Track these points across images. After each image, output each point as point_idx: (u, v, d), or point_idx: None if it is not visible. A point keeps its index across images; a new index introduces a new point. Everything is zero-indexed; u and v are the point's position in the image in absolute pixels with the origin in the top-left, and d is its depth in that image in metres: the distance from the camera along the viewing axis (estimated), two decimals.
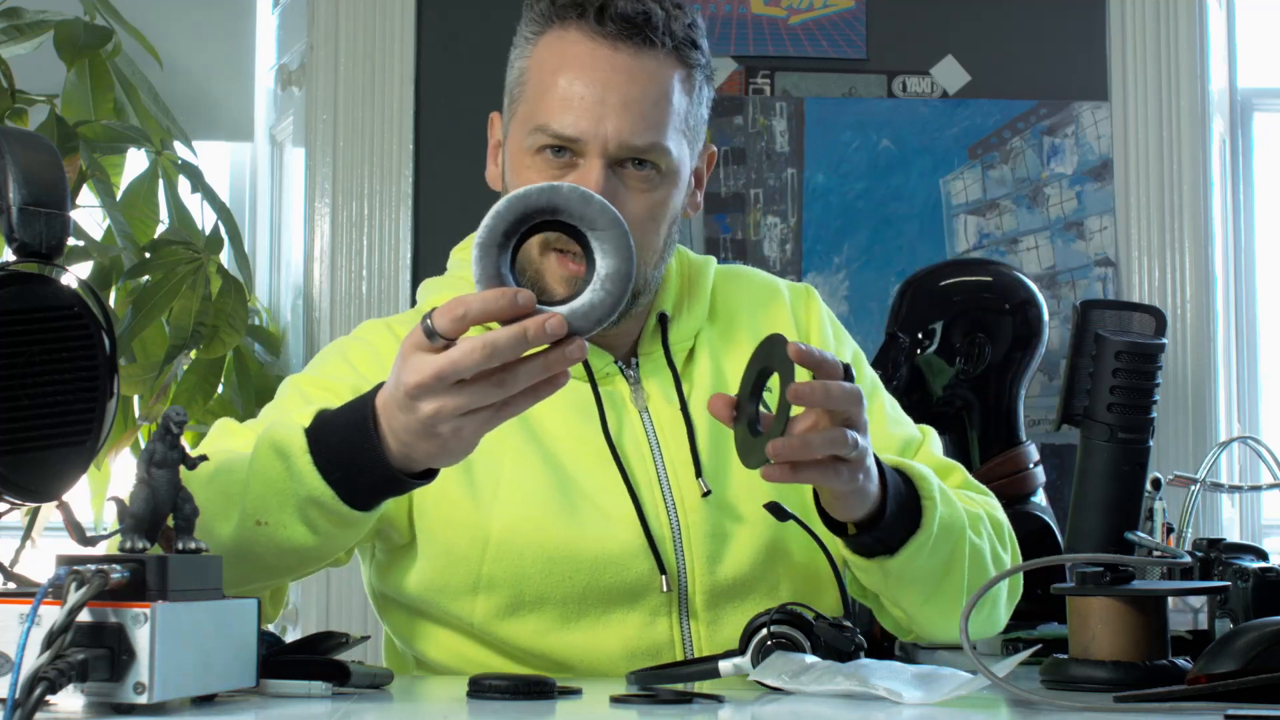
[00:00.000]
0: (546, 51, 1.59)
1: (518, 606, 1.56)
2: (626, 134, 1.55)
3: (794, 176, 3.21)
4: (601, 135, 1.54)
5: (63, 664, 1.02)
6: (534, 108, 1.58)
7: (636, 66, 1.56)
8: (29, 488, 1.16)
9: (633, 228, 1.55)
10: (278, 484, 1.38)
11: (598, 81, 1.55)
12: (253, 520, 1.39)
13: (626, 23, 1.56)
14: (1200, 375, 3.23)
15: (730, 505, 1.61)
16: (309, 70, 3.22)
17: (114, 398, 1.21)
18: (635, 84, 1.56)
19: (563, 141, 1.55)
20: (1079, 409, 1.67)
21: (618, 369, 1.66)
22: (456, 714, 1.21)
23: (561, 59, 1.57)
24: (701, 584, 1.59)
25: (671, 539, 1.59)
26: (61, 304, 1.18)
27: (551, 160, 1.56)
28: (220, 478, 1.42)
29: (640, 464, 1.61)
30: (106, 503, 1.68)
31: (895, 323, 2.64)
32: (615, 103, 1.55)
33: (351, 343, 1.68)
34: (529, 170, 1.57)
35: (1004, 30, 3.28)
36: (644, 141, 1.55)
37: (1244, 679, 1.21)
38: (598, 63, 1.56)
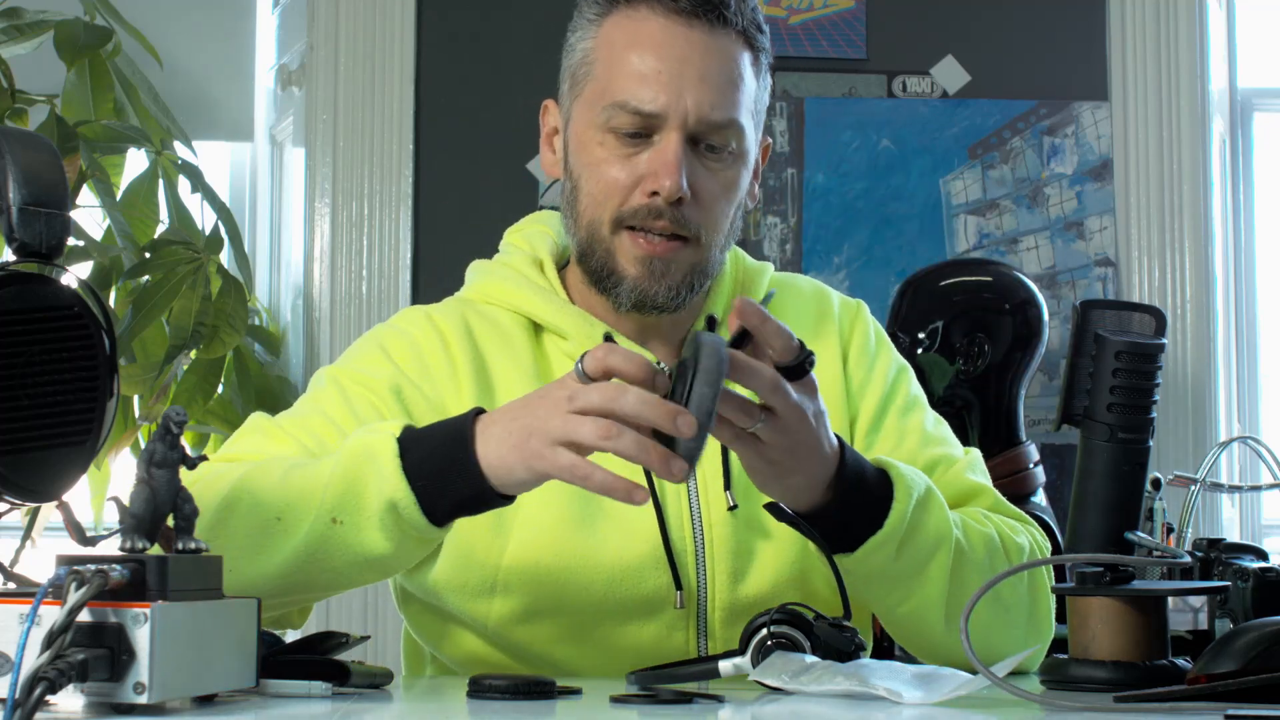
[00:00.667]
0: (616, 31, 1.57)
1: (533, 613, 1.54)
2: (706, 108, 1.54)
3: (794, 176, 3.21)
4: (681, 109, 1.53)
5: (63, 664, 1.01)
6: (606, 86, 1.56)
7: (712, 44, 1.55)
8: (29, 488, 1.16)
9: (707, 206, 1.56)
10: (362, 483, 1.36)
11: (675, 56, 1.54)
12: (329, 518, 1.38)
13: (702, 2, 1.55)
14: (1200, 375, 3.23)
15: (760, 522, 1.57)
16: (309, 70, 3.22)
17: (114, 398, 1.21)
18: (712, 60, 1.55)
19: (641, 116, 1.54)
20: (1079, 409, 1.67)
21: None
22: (456, 714, 1.21)
23: (634, 36, 1.55)
24: (721, 600, 1.56)
25: (694, 552, 1.56)
26: (61, 304, 1.18)
27: (625, 140, 1.55)
28: (298, 478, 1.41)
29: None
30: (106, 503, 1.68)
31: (895, 323, 2.65)
32: (693, 77, 1.54)
33: (389, 333, 1.65)
34: (599, 148, 1.56)
35: (1004, 30, 3.28)
36: (722, 116, 1.55)
37: (1244, 679, 1.20)
38: (674, 38, 1.55)
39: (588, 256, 1.59)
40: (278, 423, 1.57)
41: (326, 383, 1.61)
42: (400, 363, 1.60)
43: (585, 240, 1.59)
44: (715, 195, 1.57)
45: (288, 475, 1.41)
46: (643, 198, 1.54)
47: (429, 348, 1.61)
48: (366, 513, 1.36)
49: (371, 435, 1.38)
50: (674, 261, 1.56)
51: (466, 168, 3.18)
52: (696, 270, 1.59)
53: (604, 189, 1.56)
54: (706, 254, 1.58)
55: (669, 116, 1.53)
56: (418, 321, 1.65)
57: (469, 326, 1.63)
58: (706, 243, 1.58)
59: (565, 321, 1.62)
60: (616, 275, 1.57)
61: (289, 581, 1.41)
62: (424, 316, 1.65)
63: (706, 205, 1.56)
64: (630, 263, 1.56)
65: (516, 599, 1.55)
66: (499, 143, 3.16)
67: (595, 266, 1.59)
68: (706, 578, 1.56)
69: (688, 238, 1.56)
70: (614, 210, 1.56)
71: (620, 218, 1.56)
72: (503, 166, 3.15)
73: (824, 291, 1.74)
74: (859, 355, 1.70)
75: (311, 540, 1.38)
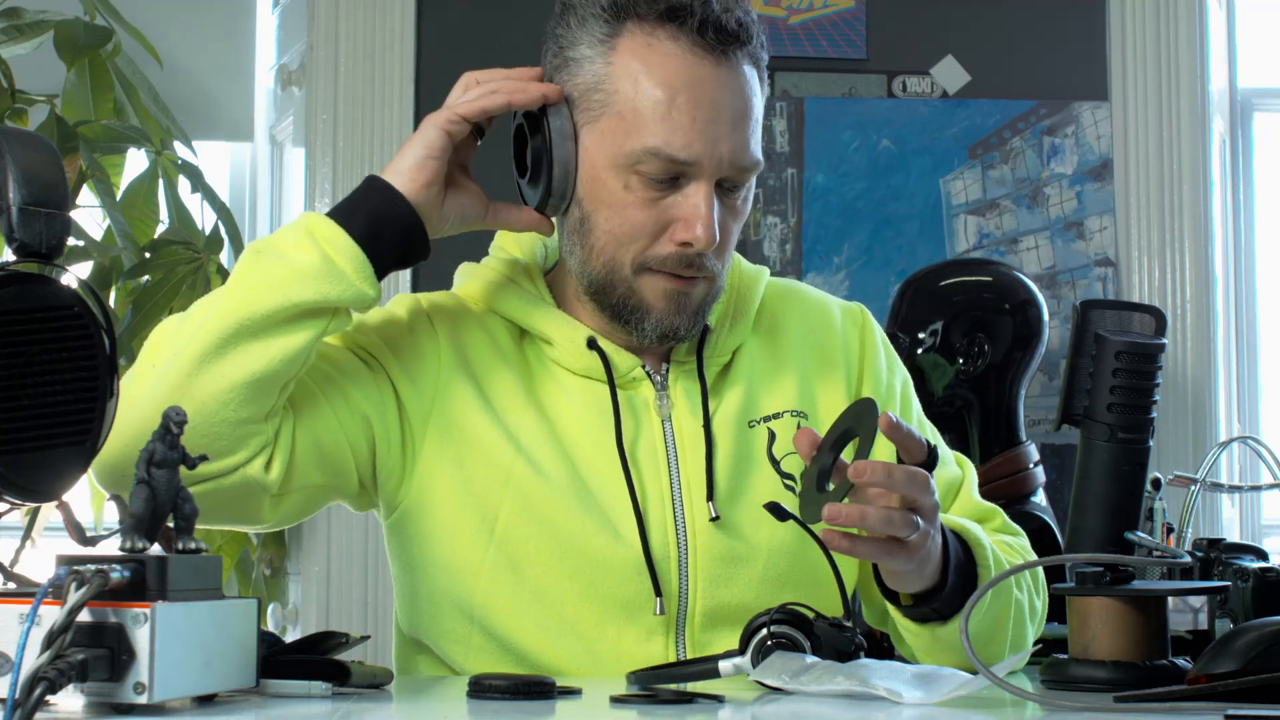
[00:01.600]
0: (636, 60, 1.51)
1: (515, 599, 1.54)
2: (739, 155, 1.52)
3: (794, 176, 3.21)
4: (716, 157, 1.50)
5: (63, 664, 1.02)
6: (633, 125, 1.51)
7: (737, 82, 1.52)
8: (29, 488, 1.16)
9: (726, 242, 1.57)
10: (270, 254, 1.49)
11: (708, 101, 1.50)
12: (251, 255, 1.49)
13: (729, 36, 1.51)
14: (1200, 375, 3.23)
15: (743, 531, 1.57)
16: (309, 70, 3.22)
17: (114, 398, 1.21)
18: (740, 101, 1.53)
19: (674, 165, 1.50)
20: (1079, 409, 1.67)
21: (645, 374, 1.62)
22: (456, 714, 1.21)
23: (664, 74, 1.50)
24: (702, 606, 1.55)
25: (676, 558, 1.56)
26: (61, 304, 1.18)
27: (651, 184, 1.52)
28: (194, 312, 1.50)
29: (654, 476, 1.57)
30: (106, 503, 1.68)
31: (895, 323, 2.64)
32: (726, 123, 1.51)
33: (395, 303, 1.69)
34: (623, 190, 1.53)
35: (1004, 30, 3.28)
36: (751, 161, 1.54)
37: (1244, 679, 1.20)
38: (704, 80, 1.50)
39: (606, 291, 1.58)
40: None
41: None
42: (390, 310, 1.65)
43: (603, 275, 1.57)
44: (732, 232, 1.57)
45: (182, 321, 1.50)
46: (671, 245, 1.53)
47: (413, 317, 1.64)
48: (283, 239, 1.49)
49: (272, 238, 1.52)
50: (694, 292, 1.57)
51: None
52: (709, 298, 1.60)
53: (629, 231, 1.54)
54: (717, 283, 1.60)
55: (704, 165, 1.50)
56: (405, 301, 1.68)
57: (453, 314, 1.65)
58: (719, 272, 1.59)
59: (549, 327, 1.62)
60: (641, 311, 1.57)
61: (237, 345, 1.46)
62: (413, 299, 1.68)
63: (725, 244, 1.57)
64: (656, 299, 1.56)
65: (504, 575, 1.55)
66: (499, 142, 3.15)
67: (616, 302, 1.58)
68: (688, 585, 1.56)
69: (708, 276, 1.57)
70: (638, 253, 1.54)
71: (645, 262, 1.55)
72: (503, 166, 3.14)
73: (823, 302, 1.74)
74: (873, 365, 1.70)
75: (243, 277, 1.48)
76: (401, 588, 1.65)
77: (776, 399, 1.64)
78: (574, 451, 1.57)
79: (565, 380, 1.60)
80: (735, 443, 1.60)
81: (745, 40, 1.53)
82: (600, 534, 1.54)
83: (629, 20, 1.52)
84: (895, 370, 1.73)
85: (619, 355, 1.61)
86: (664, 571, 1.55)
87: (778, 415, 1.62)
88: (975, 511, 1.67)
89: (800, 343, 1.68)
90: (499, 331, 1.63)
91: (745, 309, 1.66)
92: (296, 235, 1.50)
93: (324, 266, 1.47)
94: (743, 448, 1.60)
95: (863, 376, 1.69)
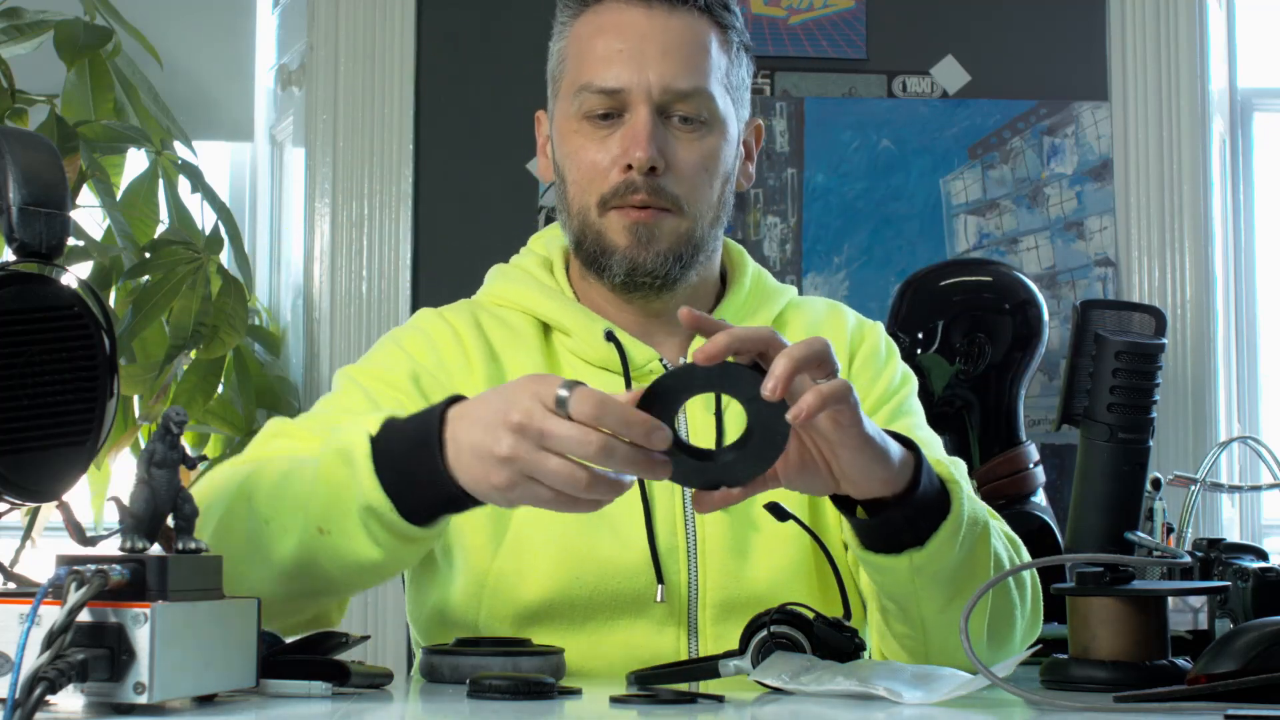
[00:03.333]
0: (583, 27, 1.63)
1: (525, 607, 1.55)
2: (669, 77, 1.58)
3: (794, 176, 3.21)
4: (644, 82, 1.57)
5: (63, 664, 1.02)
6: (575, 76, 1.61)
7: (672, 21, 1.60)
8: (29, 488, 1.16)
9: (685, 176, 1.59)
10: (341, 490, 1.31)
11: (635, 34, 1.59)
12: (315, 529, 1.34)
13: None
14: (1200, 375, 3.23)
15: (755, 521, 1.57)
16: (309, 70, 3.22)
17: (114, 398, 1.21)
18: (673, 34, 1.59)
19: (607, 94, 1.58)
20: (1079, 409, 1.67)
21: (662, 366, 1.63)
22: (456, 714, 1.21)
23: (597, 27, 1.61)
24: (713, 597, 1.56)
25: (685, 548, 1.56)
26: (61, 304, 1.18)
27: (598, 123, 1.59)
28: (290, 484, 1.37)
29: None
30: (106, 503, 1.68)
31: (895, 323, 2.64)
32: (654, 52, 1.58)
33: (404, 331, 1.68)
34: (577, 136, 1.61)
35: (1004, 30, 3.28)
36: (688, 85, 1.58)
37: (1244, 679, 1.21)
38: (634, 21, 1.59)
39: (582, 243, 1.62)
40: (297, 423, 1.55)
41: (346, 382, 1.62)
42: (415, 355, 1.62)
43: (578, 228, 1.62)
44: (693, 165, 1.59)
45: (285, 477, 1.39)
46: (620, 174, 1.58)
47: (442, 340, 1.64)
48: (349, 521, 1.32)
49: (348, 435, 1.34)
50: (658, 228, 1.59)
51: (466, 168, 3.17)
52: (684, 240, 1.60)
53: (586, 174, 1.60)
54: (693, 225, 1.60)
55: (633, 90, 1.58)
56: (429, 318, 1.68)
57: (479, 321, 1.66)
58: (691, 213, 1.60)
59: (568, 318, 1.64)
60: (607, 251, 1.60)
61: (290, 588, 1.39)
62: (435, 315, 1.68)
63: (685, 175, 1.59)
64: (618, 234, 1.59)
65: (507, 593, 1.55)
66: (499, 143, 3.15)
67: (589, 249, 1.62)
68: (698, 574, 1.56)
69: (670, 208, 1.58)
70: (598, 193, 1.60)
71: (604, 199, 1.59)
72: (503, 166, 3.15)
73: (839, 308, 1.76)
74: (866, 359, 1.70)
75: (303, 550, 1.36)
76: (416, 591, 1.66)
77: None
78: None
79: (584, 373, 1.62)
80: None
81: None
82: (606, 534, 1.55)
83: (587, 6, 1.64)
84: (898, 366, 1.72)
85: (636, 348, 1.62)
86: (672, 563, 1.55)
87: None
88: None
89: (810, 333, 1.68)
90: (522, 327, 1.66)
91: (764, 311, 1.69)
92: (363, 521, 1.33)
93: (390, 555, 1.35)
94: None
95: (854, 360, 1.69)
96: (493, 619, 1.56)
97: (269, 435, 1.56)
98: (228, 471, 1.46)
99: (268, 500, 1.38)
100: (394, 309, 3.14)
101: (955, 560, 1.39)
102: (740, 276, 1.70)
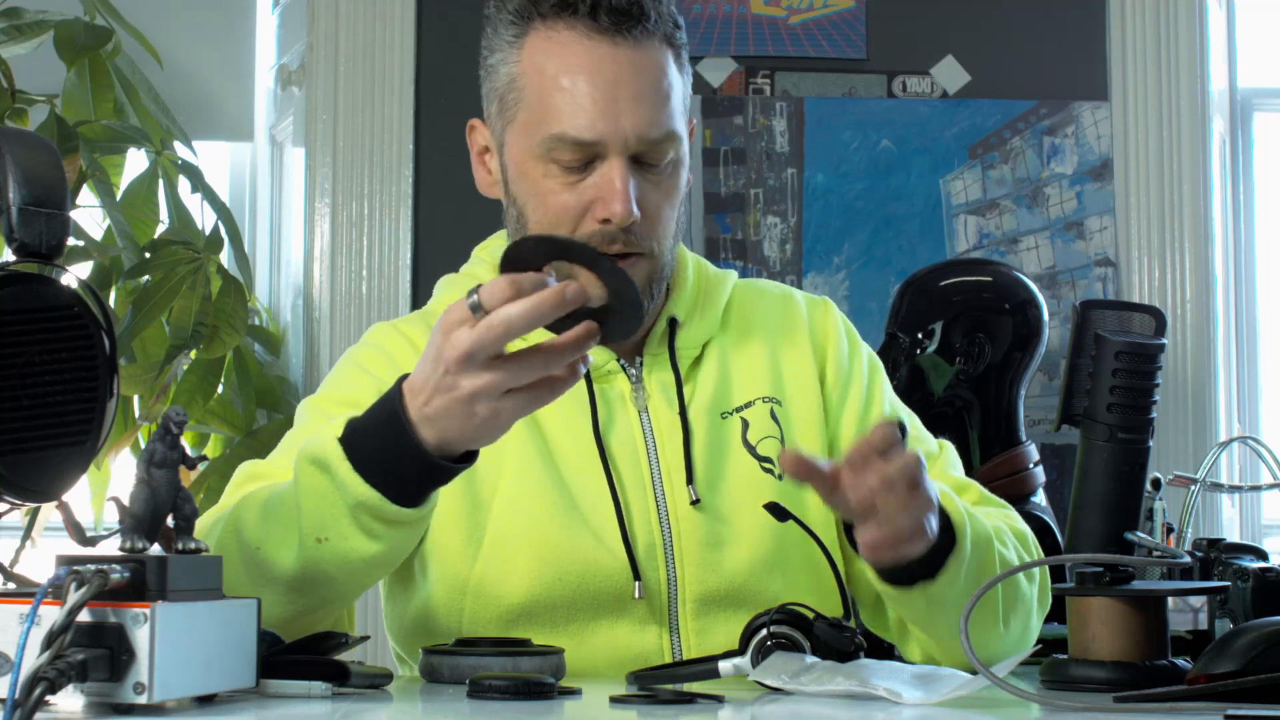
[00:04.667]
0: (539, 54, 1.57)
1: (508, 610, 1.55)
2: (644, 128, 1.54)
3: (794, 176, 3.21)
4: (620, 133, 1.53)
5: (63, 664, 1.02)
6: (540, 115, 1.55)
7: (639, 59, 1.55)
8: (29, 488, 1.16)
9: (655, 219, 1.57)
10: (327, 497, 1.36)
11: (606, 80, 1.53)
12: (313, 540, 1.37)
13: (621, 15, 1.54)
14: (1200, 375, 3.23)
15: (725, 514, 1.59)
16: (309, 70, 3.22)
17: (114, 398, 1.21)
18: (642, 77, 1.55)
19: (582, 146, 1.53)
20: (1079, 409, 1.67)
21: (620, 366, 1.64)
22: (456, 714, 1.21)
23: (562, 61, 1.55)
24: (692, 592, 1.56)
25: (662, 545, 1.57)
26: (61, 304, 1.18)
27: (568, 171, 1.55)
28: (274, 508, 1.41)
29: (633, 466, 1.59)
30: (106, 503, 1.68)
31: (895, 323, 2.65)
32: (628, 99, 1.53)
33: (361, 349, 1.68)
34: (543, 178, 1.56)
35: (1004, 30, 3.28)
36: (660, 133, 1.55)
37: (1244, 679, 1.21)
38: (601, 61, 1.54)
39: None
40: (268, 463, 1.58)
41: (308, 412, 1.63)
42: (376, 372, 1.62)
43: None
44: (660, 207, 1.58)
45: (267, 503, 1.42)
46: (594, 224, 1.55)
47: (399, 353, 1.64)
48: (343, 523, 1.36)
49: (317, 445, 1.37)
50: (634, 273, 1.57)
51: (466, 168, 3.16)
52: (654, 277, 1.61)
53: (554, 217, 1.56)
54: (659, 261, 1.60)
55: (609, 143, 1.53)
56: (385, 333, 1.68)
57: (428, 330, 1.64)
58: (658, 251, 1.59)
59: None
60: None
61: (298, 604, 1.42)
62: (390, 328, 1.69)
63: (657, 220, 1.58)
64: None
65: (488, 592, 1.56)
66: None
67: None
68: (676, 569, 1.57)
69: (642, 252, 1.58)
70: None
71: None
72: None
73: (789, 294, 1.76)
74: (835, 351, 1.71)
75: (305, 564, 1.39)
76: (392, 604, 1.66)
77: (748, 388, 1.65)
78: (556, 450, 1.59)
79: None
80: (710, 431, 1.62)
81: (640, 18, 1.55)
82: (584, 535, 1.56)
83: (533, 20, 1.58)
84: (858, 356, 1.73)
85: (593, 350, 1.62)
86: (650, 559, 1.56)
87: (749, 404, 1.64)
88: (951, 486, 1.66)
89: (766, 329, 1.70)
90: None
91: (712, 303, 1.69)
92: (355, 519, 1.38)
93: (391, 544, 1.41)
94: (718, 436, 1.62)
95: (825, 357, 1.71)
96: (476, 623, 1.56)
97: (243, 479, 1.57)
98: (210, 520, 1.49)
99: (255, 527, 1.42)
100: (394, 309, 3.14)
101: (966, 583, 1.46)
102: (682, 270, 1.70)
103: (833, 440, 1.68)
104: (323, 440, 1.37)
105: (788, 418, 1.65)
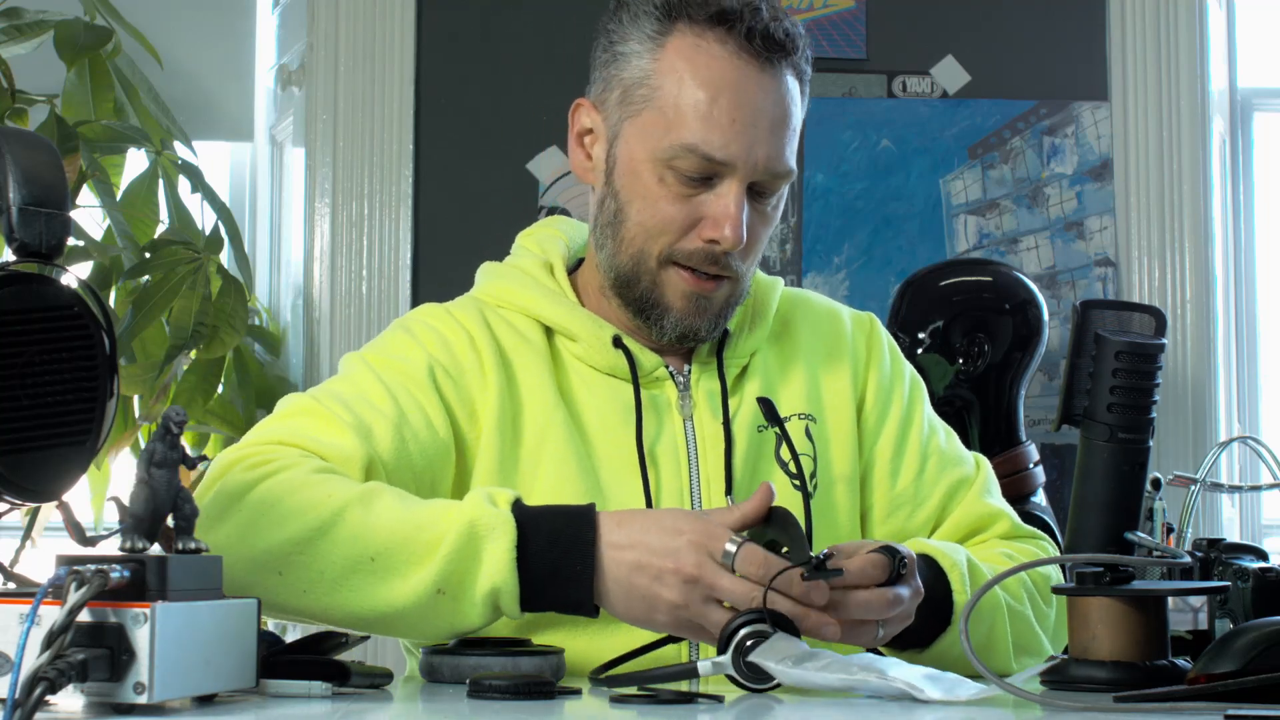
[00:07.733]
0: (682, 60, 1.54)
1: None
2: (773, 160, 1.55)
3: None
4: (751, 160, 1.53)
5: (63, 664, 1.01)
6: (673, 120, 1.54)
7: (779, 90, 1.55)
8: (29, 488, 1.16)
9: (754, 246, 1.59)
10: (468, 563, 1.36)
11: (750, 104, 1.53)
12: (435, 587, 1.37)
13: (775, 45, 1.54)
14: (1200, 375, 3.23)
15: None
16: (309, 70, 3.22)
17: (114, 398, 1.21)
18: (781, 109, 1.55)
19: (711, 163, 1.53)
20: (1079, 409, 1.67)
21: (668, 373, 1.64)
22: (456, 714, 1.21)
23: (708, 73, 1.53)
24: None
25: None
26: (61, 304, 1.18)
27: (685, 180, 1.54)
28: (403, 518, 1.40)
29: (673, 474, 1.59)
30: (106, 503, 1.67)
31: (895, 323, 2.65)
32: (765, 128, 1.54)
33: (414, 323, 1.65)
34: (658, 183, 1.55)
35: (1004, 30, 3.28)
36: (784, 168, 1.56)
37: (1244, 679, 1.20)
38: (747, 83, 1.53)
39: (631, 284, 1.60)
40: (321, 402, 1.54)
41: (359, 366, 1.60)
42: (430, 348, 1.60)
43: (629, 267, 1.59)
44: (760, 237, 1.59)
45: (394, 515, 1.40)
46: (699, 241, 1.55)
47: (455, 339, 1.61)
48: (470, 592, 1.37)
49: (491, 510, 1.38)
50: (715, 295, 1.59)
51: (466, 168, 3.17)
52: (734, 299, 1.62)
53: (659, 224, 1.56)
54: (743, 285, 1.62)
55: (738, 167, 1.53)
56: (439, 316, 1.65)
57: (487, 321, 1.64)
58: (745, 275, 1.61)
59: (575, 324, 1.63)
60: (662, 308, 1.59)
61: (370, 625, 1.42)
62: (444, 312, 1.65)
63: (753, 247, 1.59)
64: (677, 297, 1.58)
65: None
66: (499, 143, 3.16)
67: (639, 295, 1.60)
68: None
69: (731, 276, 1.59)
70: (665, 246, 1.57)
71: (672, 255, 1.57)
72: (503, 166, 3.15)
73: (835, 312, 1.76)
74: (876, 383, 1.72)
75: (415, 603, 1.38)
76: None
77: (786, 403, 1.66)
78: (595, 452, 1.59)
79: (590, 377, 1.62)
80: (752, 442, 1.62)
81: (791, 50, 1.56)
82: None
83: (680, 20, 1.55)
84: (900, 377, 1.74)
85: (643, 354, 1.62)
86: None
87: (786, 419, 1.64)
88: (977, 517, 1.68)
89: (809, 347, 1.70)
90: (528, 330, 1.64)
91: (763, 313, 1.69)
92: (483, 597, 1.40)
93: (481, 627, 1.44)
94: (760, 448, 1.62)
95: (867, 379, 1.71)
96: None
97: (295, 412, 1.54)
98: (285, 455, 1.45)
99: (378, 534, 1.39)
100: (394, 309, 3.14)
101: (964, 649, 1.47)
102: None
103: (868, 461, 1.69)
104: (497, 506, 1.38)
105: (823, 436, 1.66)
